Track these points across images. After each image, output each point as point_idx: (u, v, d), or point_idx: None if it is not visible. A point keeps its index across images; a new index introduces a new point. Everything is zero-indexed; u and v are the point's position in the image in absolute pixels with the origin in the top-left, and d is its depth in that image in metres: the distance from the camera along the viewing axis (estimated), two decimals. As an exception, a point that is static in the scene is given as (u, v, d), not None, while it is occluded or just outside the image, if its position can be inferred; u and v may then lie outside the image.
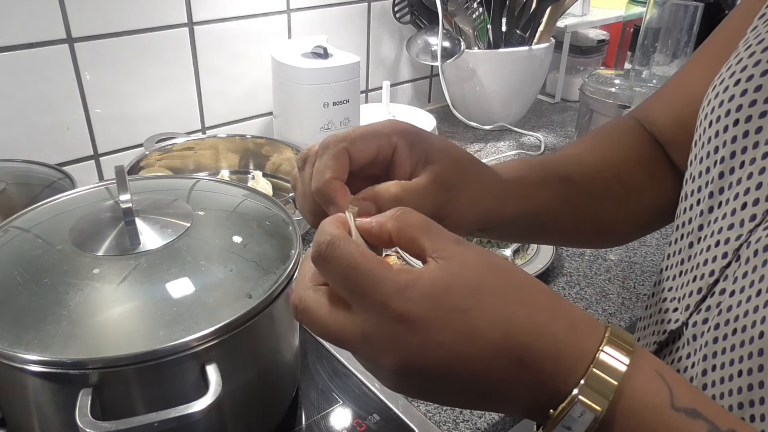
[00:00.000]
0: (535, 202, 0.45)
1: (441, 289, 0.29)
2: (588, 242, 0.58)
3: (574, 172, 0.49)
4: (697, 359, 0.38)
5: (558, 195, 0.47)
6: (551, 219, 0.48)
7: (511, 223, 0.45)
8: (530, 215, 0.46)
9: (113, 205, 0.57)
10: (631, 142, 0.53)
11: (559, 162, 0.49)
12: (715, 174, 0.39)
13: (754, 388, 0.32)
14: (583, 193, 0.49)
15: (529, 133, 1.25)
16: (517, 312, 0.30)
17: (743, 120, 0.37)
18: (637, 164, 0.52)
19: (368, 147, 0.38)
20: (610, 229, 0.53)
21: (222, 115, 1.06)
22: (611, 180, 0.50)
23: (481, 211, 0.42)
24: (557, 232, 0.50)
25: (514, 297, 0.30)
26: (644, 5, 1.16)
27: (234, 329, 0.47)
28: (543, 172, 0.47)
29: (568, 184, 0.48)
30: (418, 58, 1.18)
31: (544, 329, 0.30)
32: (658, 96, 0.56)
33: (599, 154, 0.52)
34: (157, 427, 0.43)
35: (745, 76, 0.38)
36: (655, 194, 0.52)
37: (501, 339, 0.29)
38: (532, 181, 0.46)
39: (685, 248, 0.42)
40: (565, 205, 0.47)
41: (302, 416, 0.60)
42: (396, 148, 0.39)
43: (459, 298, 0.29)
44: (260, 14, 1.03)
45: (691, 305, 0.39)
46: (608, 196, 0.50)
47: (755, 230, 0.35)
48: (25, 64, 0.84)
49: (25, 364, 0.43)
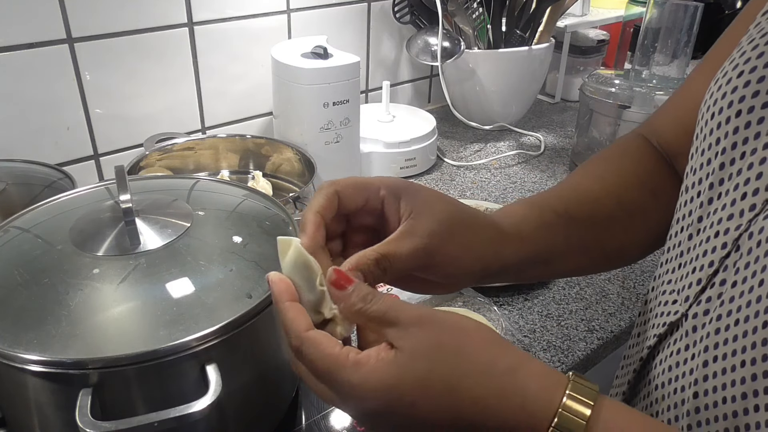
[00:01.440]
0: (536, 245, 0.46)
1: (388, 386, 0.33)
2: (599, 268, 0.58)
3: (573, 205, 0.49)
4: (697, 351, 0.38)
5: (559, 233, 0.47)
6: (557, 256, 0.48)
7: (516, 267, 0.46)
8: (533, 257, 0.46)
9: (113, 205, 0.57)
10: (632, 163, 0.53)
11: (558, 197, 0.50)
12: (716, 165, 0.39)
13: (758, 378, 0.33)
14: (587, 226, 0.49)
15: (529, 133, 1.25)
16: (463, 401, 0.33)
17: (746, 111, 0.37)
18: (637, 185, 0.52)
19: (357, 195, 0.41)
20: (618, 253, 0.53)
21: (222, 115, 1.06)
22: (613, 207, 0.50)
23: (476, 259, 0.43)
24: (566, 266, 0.50)
25: (461, 386, 0.33)
26: (644, 5, 1.16)
27: (234, 329, 0.47)
28: (541, 212, 0.48)
29: (568, 219, 0.48)
30: (418, 58, 1.18)
31: (491, 413, 0.33)
32: (663, 109, 0.56)
33: (599, 183, 0.52)
34: (157, 427, 0.43)
35: (749, 68, 0.38)
36: (659, 211, 0.51)
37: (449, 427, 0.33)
38: (530, 223, 0.46)
39: (684, 240, 0.42)
40: (569, 240, 0.48)
41: (302, 416, 0.60)
42: (384, 201, 0.42)
43: (406, 393, 0.33)
44: (260, 14, 1.03)
45: (690, 297, 0.40)
46: (612, 223, 0.50)
47: (755, 220, 0.35)
48: (25, 64, 0.84)
49: (25, 364, 0.43)
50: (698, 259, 0.40)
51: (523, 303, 0.78)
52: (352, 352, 0.34)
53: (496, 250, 0.44)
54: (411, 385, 0.33)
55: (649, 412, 0.43)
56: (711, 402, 0.36)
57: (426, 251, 0.40)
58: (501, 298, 0.78)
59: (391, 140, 1.04)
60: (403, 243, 0.40)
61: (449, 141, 1.22)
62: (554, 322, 0.75)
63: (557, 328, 0.74)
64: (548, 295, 0.79)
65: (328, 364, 0.34)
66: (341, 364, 0.33)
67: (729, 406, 0.34)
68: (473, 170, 1.11)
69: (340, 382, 0.33)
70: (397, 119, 1.11)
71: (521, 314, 0.76)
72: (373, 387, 0.33)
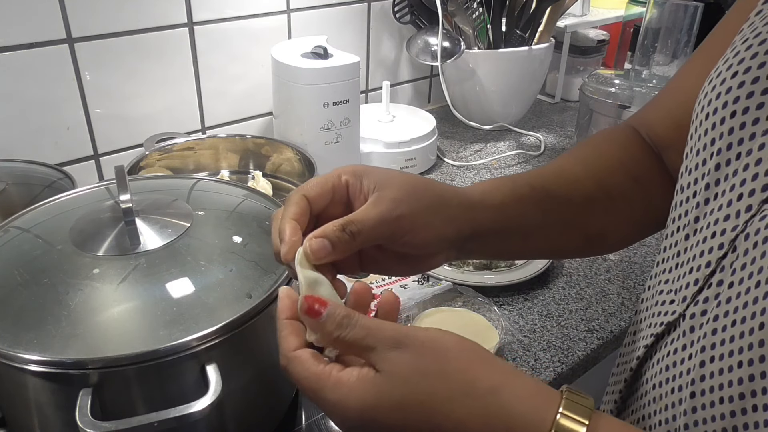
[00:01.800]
0: (507, 215, 0.47)
1: (366, 406, 0.33)
2: (581, 251, 0.59)
3: (552, 182, 0.50)
4: (694, 351, 0.38)
5: (534, 206, 0.48)
6: (534, 230, 0.49)
7: (492, 239, 0.47)
8: (507, 228, 0.47)
9: (113, 205, 0.57)
10: (616, 149, 0.54)
11: (538, 175, 0.51)
12: (712, 165, 0.39)
13: (756, 379, 0.33)
14: (563, 203, 0.50)
15: (529, 133, 1.25)
16: (444, 425, 0.33)
17: (740, 111, 0.37)
18: (619, 171, 0.52)
19: (322, 188, 0.42)
20: (600, 236, 0.53)
21: (222, 115, 1.06)
22: (592, 188, 0.51)
23: (446, 221, 0.43)
24: (546, 244, 0.51)
25: (442, 410, 0.33)
26: (644, 5, 1.16)
27: (234, 329, 0.47)
28: (514, 185, 0.48)
29: (545, 195, 0.49)
30: (418, 58, 1.18)
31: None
32: (654, 102, 0.57)
33: (581, 165, 0.53)
34: (157, 427, 0.43)
35: (743, 68, 0.38)
36: (642, 199, 0.52)
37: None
38: (501, 193, 0.47)
39: (681, 240, 0.42)
40: (547, 216, 0.49)
41: (302, 416, 0.60)
42: (348, 185, 0.43)
43: (383, 415, 0.33)
44: (260, 14, 1.03)
45: (687, 297, 0.40)
46: (591, 204, 0.51)
47: (751, 221, 0.35)
48: (25, 64, 0.84)
49: (25, 364, 0.43)
50: (695, 260, 0.40)
51: (523, 303, 0.78)
52: (335, 369, 0.34)
53: (466, 214, 0.45)
54: (389, 407, 0.33)
55: (645, 411, 0.43)
56: (708, 402, 0.36)
57: (393, 215, 0.41)
58: (501, 298, 0.78)
59: (391, 140, 1.04)
60: (368, 209, 0.40)
61: (449, 141, 1.22)
62: (554, 322, 0.75)
63: (557, 328, 0.74)
64: (548, 295, 0.79)
65: (311, 383, 0.35)
66: (323, 383, 0.34)
67: (726, 406, 0.34)
68: (473, 170, 1.11)
69: (323, 399, 0.34)
70: (397, 119, 1.11)
71: (521, 314, 0.76)
72: (351, 406, 0.34)
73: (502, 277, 0.79)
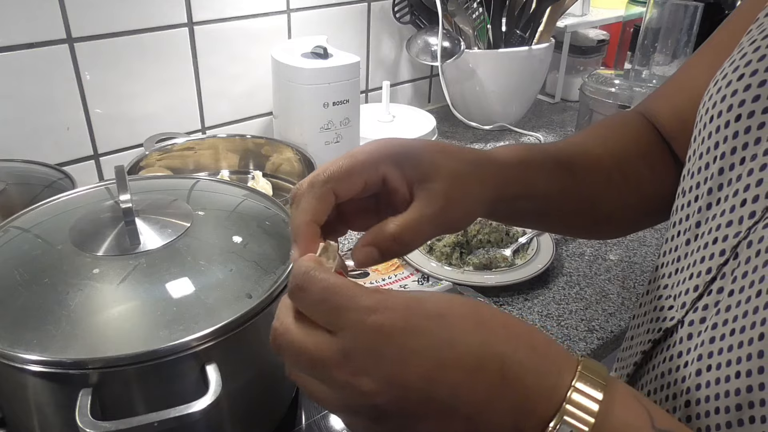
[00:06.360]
0: (534, 185, 0.46)
1: (416, 301, 0.31)
2: (586, 232, 0.59)
3: (578, 159, 0.49)
4: (691, 358, 0.37)
5: (558, 180, 0.47)
6: (551, 204, 0.48)
7: (510, 204, 0.45)
8: (530, 197, 0.46)
9: (113, 205, 0.57)
10: (633, 133, 0.54)
11: (563, 149, 0.50)
12: (715, 170, 0.38)
13: (754, 390, 0.32)
14: (584, 181, 0.49)
15: (529, 133, 1.25)
16: (491, 320, 0.31)
17: (745, 115, 0.36)
18: (637, 155, 0.52)
19: (354, 182, 0.38)
20: (607, 219, 0.53)
21: (222, 115, 1.06)
22: (612, 168, 0.51)
23: (485, 205, 0.43)
24: (559, 217, 0.51)
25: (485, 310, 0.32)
26: (644, 5, 1.16)
27: (234, 329, 0.47)
28: (544, 156, 0.47)
29: (568, 170, 0.48)
30: (418, 58, 1.18)
31: (521, 340, 0.31)
32: (660, 92, 0.56)
33: (602, 144, 0.52)
34: (157, 427, 0.43)
35: (749, 71, 0.37)
36: (654, 185, 0.52)
37: (478, 346, 0.30)
38: (534, 163, 0.46)
39: (681, 245, 0.42)
40: (565, 191, 0.48)
41: (302, 416, 0.60)
42: (385, 177, 0.39)
43: (432, 306, 0.31)
44: (260, 14, 1.03)
45: (687, 303, 0.39)
46: (609, 184, 0.51)
47: (754, 228, 0.35)
48: (25, 64, 0.84)
49: (25, 364, 0.43)
50: (696, 265, 0.39)
51: (523, 303, 0.78)
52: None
53: (502, 189, 0.43)
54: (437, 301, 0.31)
55: None
56: (703, 411, 0.35)
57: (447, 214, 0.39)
58: (501, 298, 0.78)
59: (391, 140, 1.04)
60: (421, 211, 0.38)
61: (449, 141, 1.22)
62: (554, 322, 0.75)
63: (557, 328, 0.74)
64: (548, 295, 0.79)
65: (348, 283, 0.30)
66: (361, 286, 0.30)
67: (722, 416, 0.34)
68: (473, 170, 1.11)
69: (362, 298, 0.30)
70: (397, 119, 1.11)
71: (521, 314, 0.76)
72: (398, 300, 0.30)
73: (502, 277, 0.79)
